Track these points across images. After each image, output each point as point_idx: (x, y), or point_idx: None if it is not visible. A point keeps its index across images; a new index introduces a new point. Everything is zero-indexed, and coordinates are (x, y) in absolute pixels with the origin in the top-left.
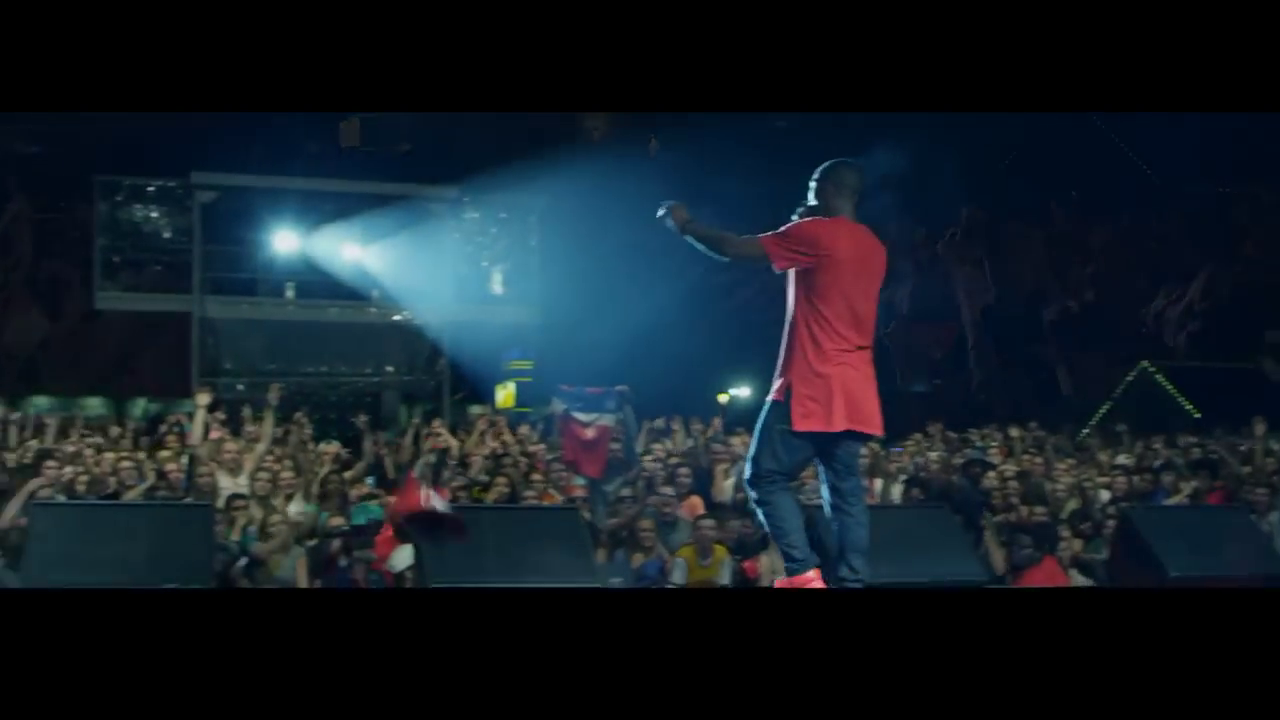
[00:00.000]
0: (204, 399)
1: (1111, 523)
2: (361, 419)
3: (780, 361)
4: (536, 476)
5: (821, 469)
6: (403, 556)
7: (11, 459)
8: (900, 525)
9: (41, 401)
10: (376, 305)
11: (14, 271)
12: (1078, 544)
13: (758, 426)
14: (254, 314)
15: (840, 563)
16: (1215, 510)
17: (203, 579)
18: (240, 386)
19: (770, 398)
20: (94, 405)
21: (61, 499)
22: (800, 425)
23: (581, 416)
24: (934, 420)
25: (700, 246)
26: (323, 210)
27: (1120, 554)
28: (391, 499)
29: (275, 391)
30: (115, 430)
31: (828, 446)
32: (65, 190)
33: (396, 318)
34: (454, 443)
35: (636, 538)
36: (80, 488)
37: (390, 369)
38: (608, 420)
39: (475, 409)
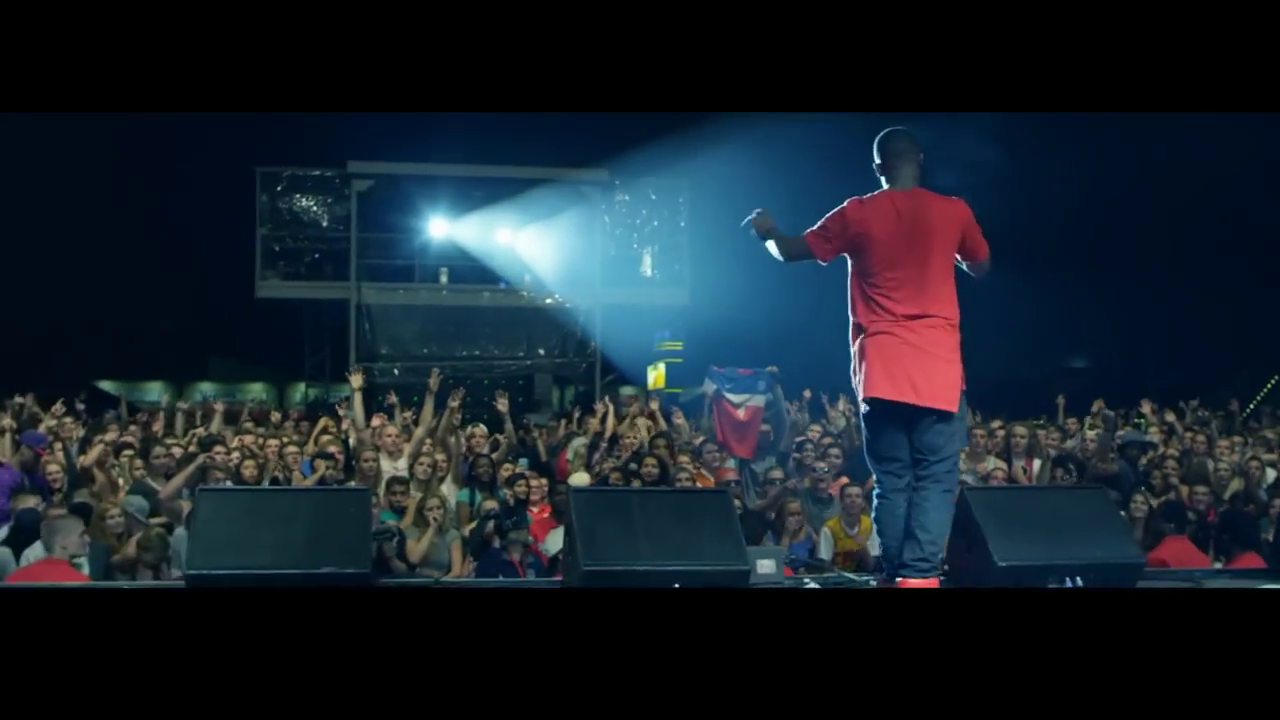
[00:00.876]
0: (357, 381)
1: (1278, 503)
2: (501, 402)
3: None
4: (684, 459)
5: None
6: (556, 539)
7: (178, 447)
8: (1055, 507)
9: (207, 387)
10: (528, 289)
11: None
12: None
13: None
14: (409, 300)
15: (907, 543)
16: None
17: (361, 562)
18: (396, 371)
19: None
20: (256, 390)
21: (227, 484)
22: (865, 393)
23: (733, 397)
24: (1095, 399)
25: (774, 254)
26: (474, 196)
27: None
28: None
29: (435, 377)
30: (276, 416)
31: (900, 422)
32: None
33: (548, 301)
34: (610, 425)
35: (783, 521)
36: (247, 473)
37: (542, 352)
38: (758, 401)
39: (626, 390)
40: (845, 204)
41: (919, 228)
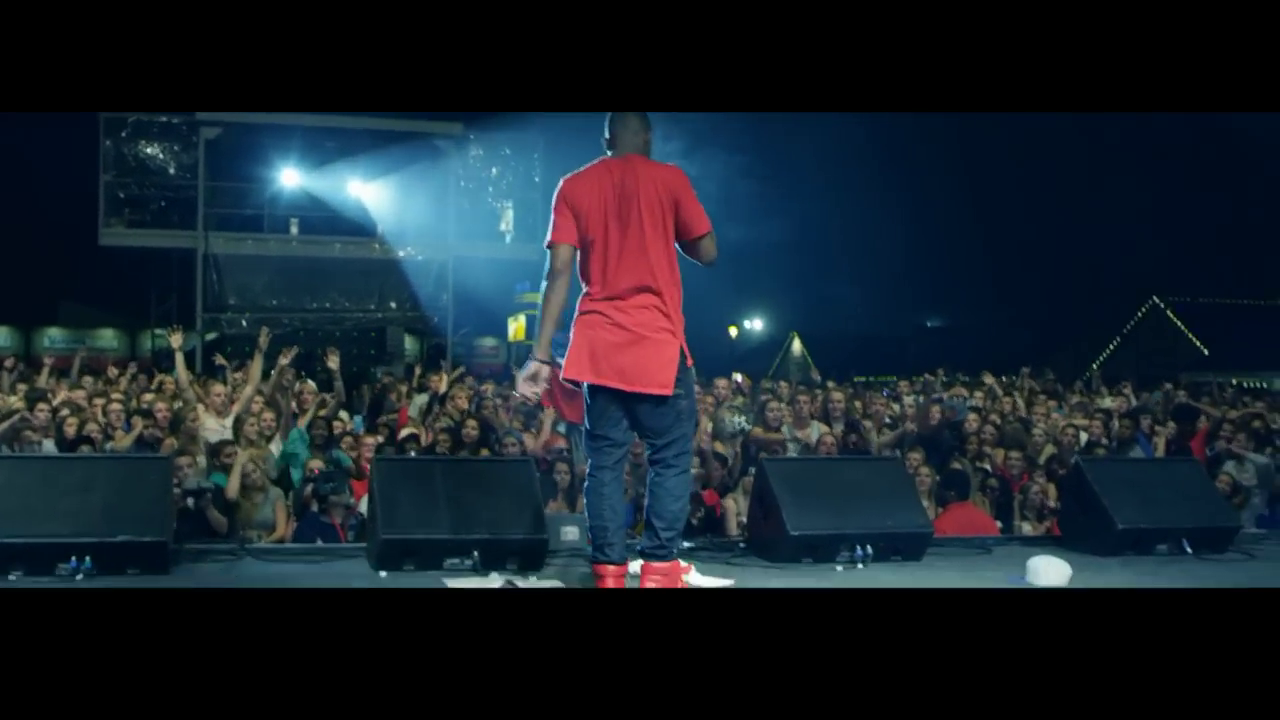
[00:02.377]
0: (176, 340)
1: None
2: (331, 359)
3: None
4: (517, 424)
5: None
6: (364, 503)
7: (2, 404)
8: (850, 478)
9: (55, 333)
10: (380, 241)
11: None
12: (1052, 489)
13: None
14: (258, 250)
15: (646, 531)
16: (1167, 463)
17: (158, 530)
18: (244, 322)
19: None
20: (107, 337)
21: (12, 452)
22: (564, 374)
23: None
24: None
25: (552, 324)
26: (326, 147)
27: (1071, 504)
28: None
29: (265, 335)
30: (113, 371)
31: (615, 403)
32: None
33: (401, 254)
34: (444, 385)
35: None
36: (68, 431)
37: (394, 305)
38: None
39: (486, 340)
40: (560, 182)
41: (628, 193)
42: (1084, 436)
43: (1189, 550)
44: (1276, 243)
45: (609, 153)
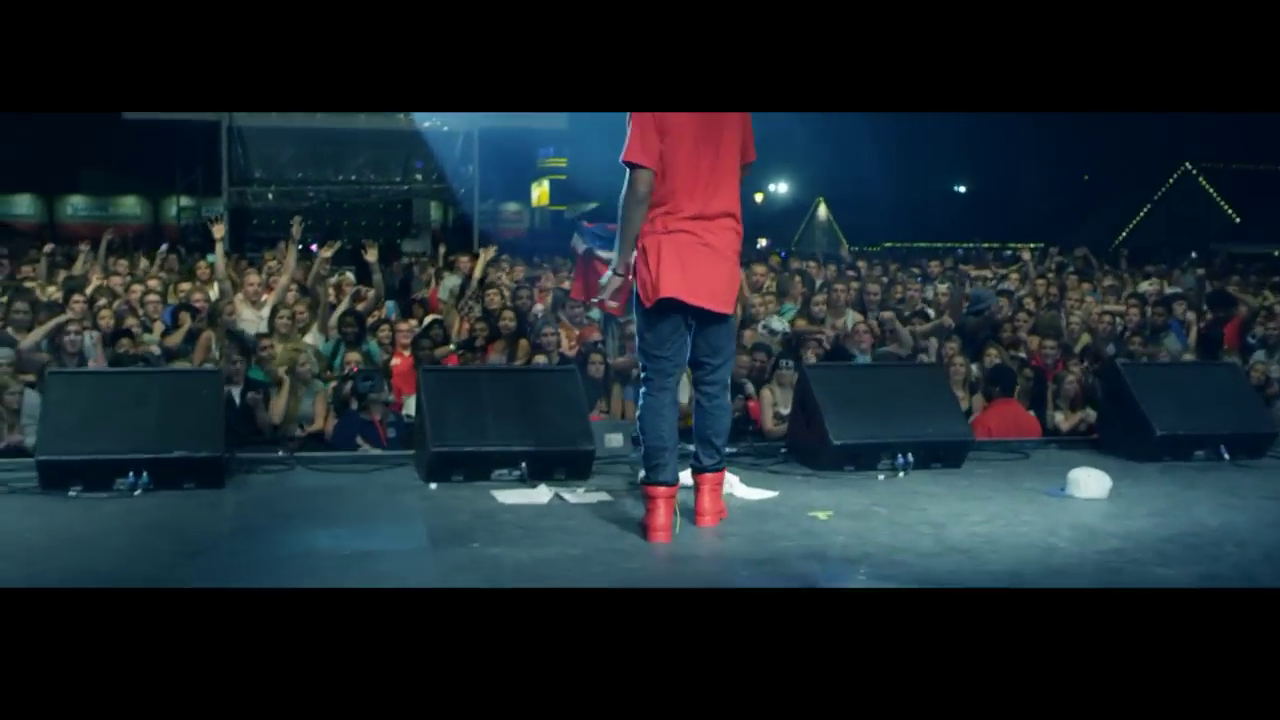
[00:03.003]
0: (219, 231)
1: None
2: (370, 252)
3: None
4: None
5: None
6: (410, 405)
7: (42, 294)
8: (891, 386)
9: (78, 201)
10: (405, 112)
11: None
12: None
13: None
14: (282, 123)
15: (703, 448)
16: (1205, 366)
17: (213, 445)
18: (270, 195)
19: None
20: (130, 204)
21: (73, 369)
22: (653, 294)
23: (604, 254)
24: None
25: (632, 245)
26: None
27: (1109, 408)
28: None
29: (298, 225)
30: (144, 264)
31: (682, 323)
32: None
33: (425, 125)
34: (477, 270)
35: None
36: (104, 323)
37: (419, 177)
38: (630, 258)
39: (510, 206)
40: (631, 120)
41: (714, 121)
42: (1118, 323)
43: (1226, 456)
44: None
45: None
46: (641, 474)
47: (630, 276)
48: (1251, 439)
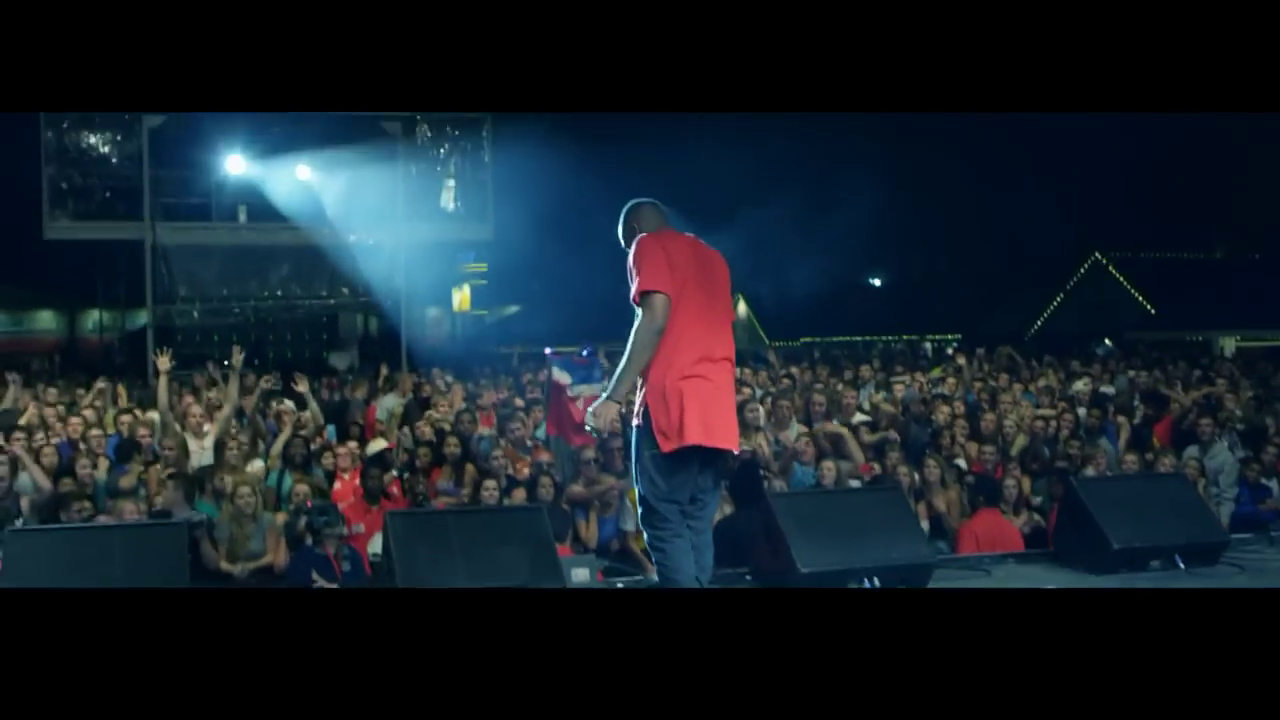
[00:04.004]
0: (165, 364)
1: (1060, 463)
2: (301, 384)
3: (641, 381)
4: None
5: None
6: (376, 543)
7: None
8: (853, 509)
9: None
10: (330, 227)
11: None
12: (1026, 482)
13: (633, 458)
14: (207, 239)
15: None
16: (1154, 478)
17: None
18: (195, 313)
19: (634, 422)
20: (46, 319)
21: (33, 526)
22: (665, 447)
23: (571, 390)
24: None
25: (633, 376)
26: (272, 132)
27: (1065, 521)
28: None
29: (238, 355)
30: (80, 392)
31: (695, 465)
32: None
33: (351, 239)
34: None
35: (604, 500)
36: (46, 461)
37: (345, 290)
38: (595, 390)
39: (431, 311)
40: (640, 240)
41: (707, 264)
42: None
43: (1181, 566)
44: (1211, 194)
45: (626, 240)
46: None
47: (622, 409)
48: (1204, 548)
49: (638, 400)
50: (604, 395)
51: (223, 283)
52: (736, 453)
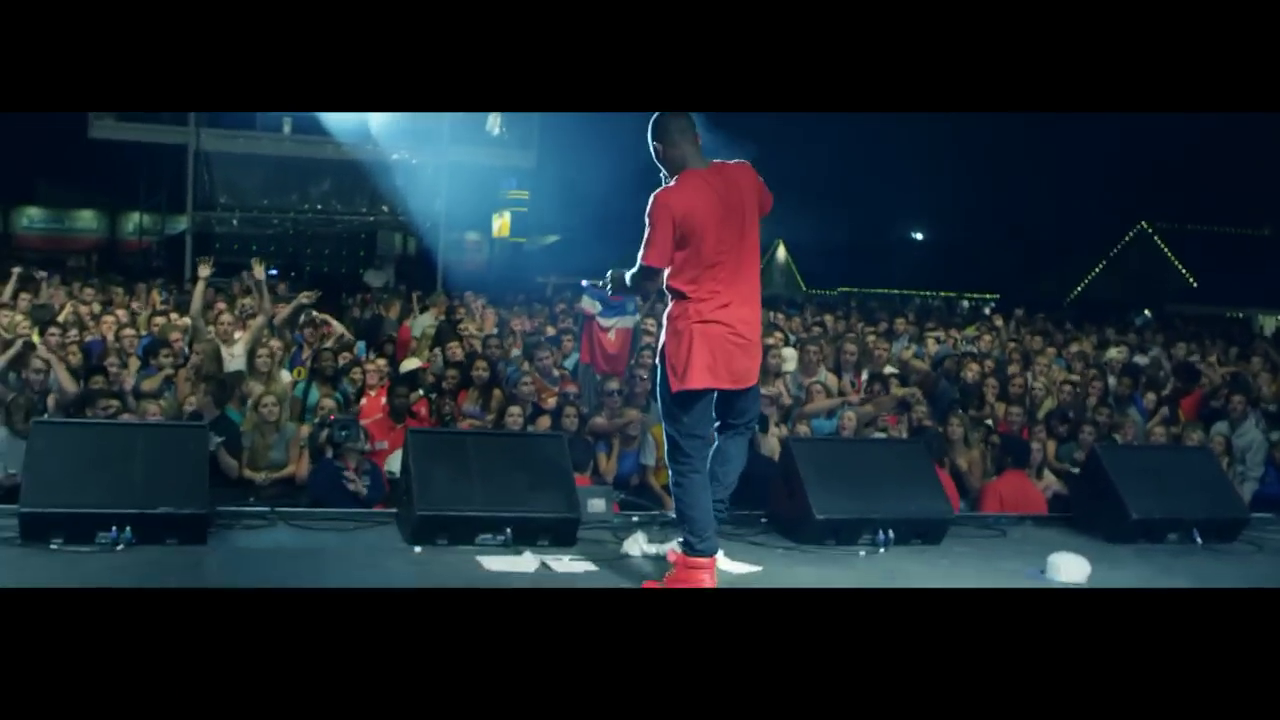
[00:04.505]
0: (205, 270)
1: (1088, 429)
2: (257, 269)
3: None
4: (525, 367)
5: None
6: (392, 462)
7: (7, 320)
8: (873, 460)
9: (34, 213)
10: (374, 143)
11: None
12: (1051, 446)
13: (657, 395)
14: (250, 148)
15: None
16: (1180, 451)
17: (198, 503)
18: (234, 221)
19: (655, 360)
20: (87, 218)
21: (59, 419)
22: (674, 387)
23: (603, 321)
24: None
25: (627, 284)
26: None
27: (1086, 488)
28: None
29: (259, 268)
30: (118, 291)
31: (714, 401)
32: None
33: (394, 156)
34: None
35: (626, 433)
36: (73, 357)
37: (385, 208)
38: (628, 323)
39: (471, 235)
40: (655, 198)
41: (733, 205)
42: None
43: (1199, 540)
44: (1263, 170)
45: (669, 164)
46: (674, 544)
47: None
48: (1223, 523)
49: (660, 338)
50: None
51: (264, 193)
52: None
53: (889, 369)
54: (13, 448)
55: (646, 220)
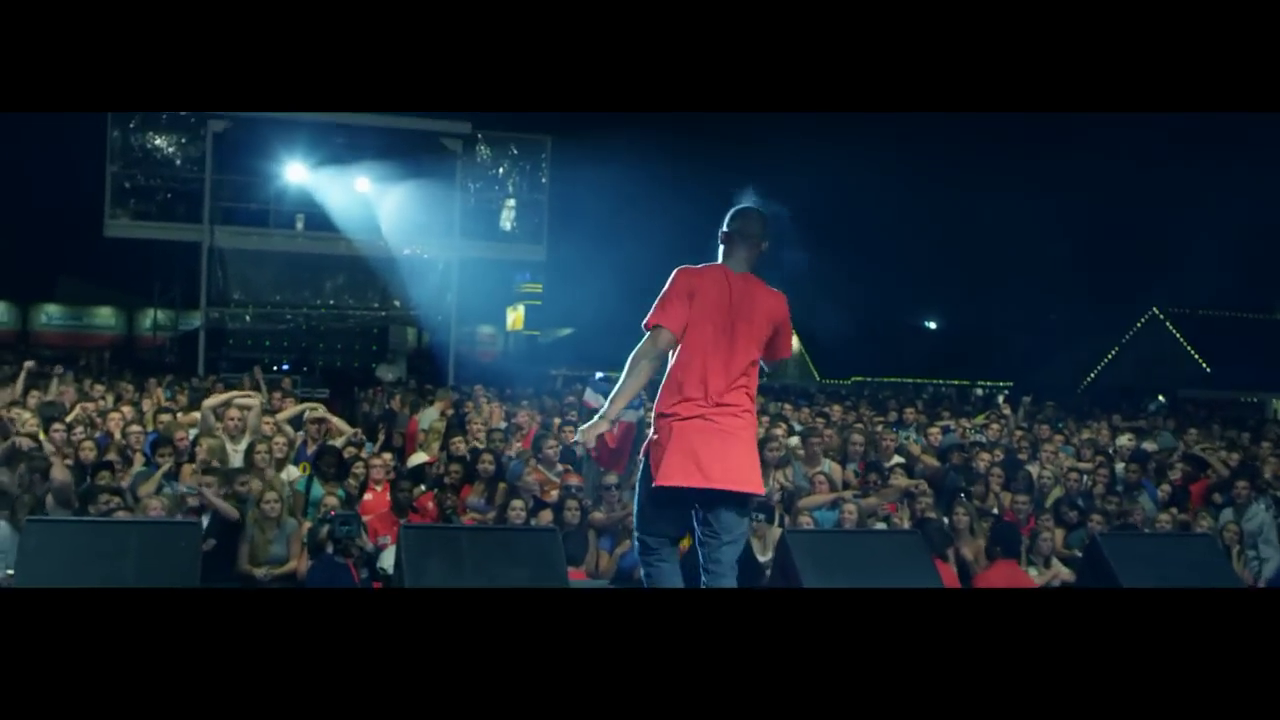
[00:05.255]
0: (214, 401)
1: (1096, 518)
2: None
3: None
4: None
5: (696, 530)
6: (388, 557)
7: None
8: (870, 551)
9: (53, 310)
10: (385, 239)
11: None
12: (1060, 534)
13: (636, 487)
14: (263, 245)
15: None
16: (1182, 538)
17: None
18: (247, 318)
19: (642, 453)
20: (105, 315)
21: (13, 474)
22: (659, 480)
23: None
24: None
25: (627, 401)
26: (334, 143)
27: (1088, 577)
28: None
29: (258, 373)
30: (128, 388)
31: (690, 502)
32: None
33: (405, 252)
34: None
35: (625, 527)
36: (84, 455)
37: (397, 303)
38: (631, 418)
39: (485, 329)
40: (677, 272)
41: (740, 313)
42: (1087, 481)
43: None
44: (1276, 254)
45: (722, 248)
46: None
47: (614, 432)
48: None
49: (630, 422)
50: (599, 413)
51: (276, 289)
52: (761, 493)
53: (896, 459)
54: (15, 544)
55: (660, 296)
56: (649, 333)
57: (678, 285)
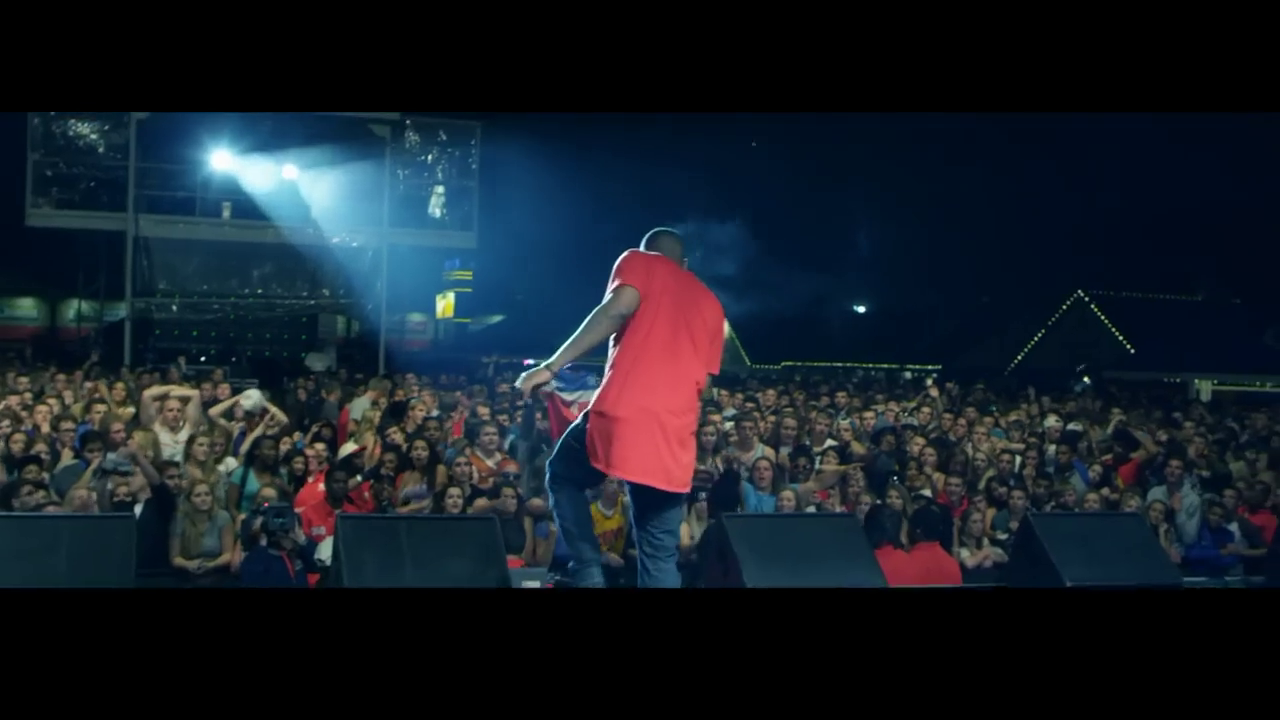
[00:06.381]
0: (155, 391)
1: (1021, 499)
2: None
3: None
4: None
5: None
6: (326, 549)
7: None
8: (807, 535)
9: None
10: (314, 227)
11: None
12: (990, 513)
13: (566, 431)
14: (189, 234)
15: None
16: (1111, 517)
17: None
18: (174, 307)
19: (575, 418)
20: (27, 306)
21: None
22: (592, 461)
23: (565, 395)
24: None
25: (577, 354)
26: (261, 130)
27: (1020, 558)
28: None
29: (174, 373)
30: (62, 378)
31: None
32: None
33: (334, 240)
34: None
35: None
36: (15, 448)
37: (326, 292)
38: (589, 397)
39: (415, 316)
40: (630, 251)
41: (686, 305)
42: (1018, 461)
43: None
44: (1196, 236)
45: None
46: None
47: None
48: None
49: (589, 404)
50: (544, 362)
51: (203, 278)
52: (685, 492)
53: (828, 443)
54: None
55: (615, 268)
56: (614, 291)
57: (637, 258)
